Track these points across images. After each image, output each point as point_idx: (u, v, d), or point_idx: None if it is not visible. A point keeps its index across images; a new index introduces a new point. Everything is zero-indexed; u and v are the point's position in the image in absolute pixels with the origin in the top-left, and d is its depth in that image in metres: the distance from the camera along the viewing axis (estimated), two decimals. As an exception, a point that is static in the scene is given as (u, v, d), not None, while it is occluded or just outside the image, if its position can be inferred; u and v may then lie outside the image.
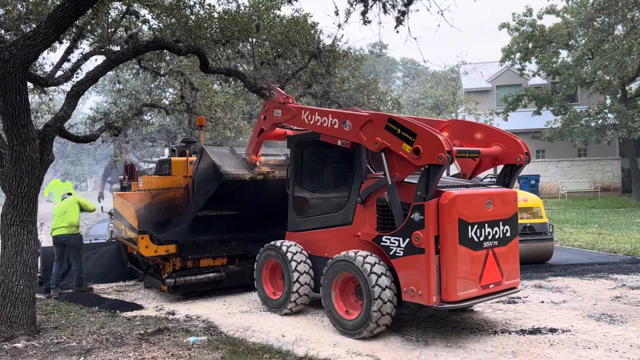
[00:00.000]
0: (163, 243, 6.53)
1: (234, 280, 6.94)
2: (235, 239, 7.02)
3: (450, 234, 4.60)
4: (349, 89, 12.76)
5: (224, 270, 6.85)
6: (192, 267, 6.78)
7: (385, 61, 46.31)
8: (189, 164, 7.68)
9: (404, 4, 7.09)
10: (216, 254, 6.91)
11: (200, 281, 6.67)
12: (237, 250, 7.05)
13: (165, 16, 8.16)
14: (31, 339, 5.00)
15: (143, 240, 6.43)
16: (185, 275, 6.63)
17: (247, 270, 6.90)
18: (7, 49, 4.87)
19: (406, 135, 4.77)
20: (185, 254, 6.65)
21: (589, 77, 20.56)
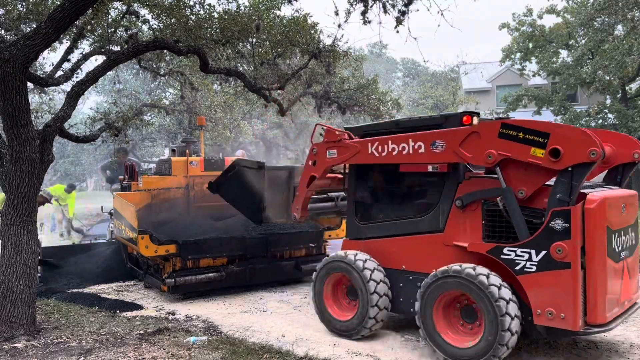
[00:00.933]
0: (163, 243, 6.53)
1: (234, 280, 6.96)
2: (235, 239, 7.02)
3: (599, 245, 3.95)
4: (349, 89, 12.73)
5: (224, 270, 6.85)
6: (192, 267, 6.78)
7: (385, 61, 46.33)
8: (189, 164, 7.72)
9: (404, 4, 7.08)
10: (216, 254, 6.91)
11: (200, 281, 6.67)
12: (237, 251, 7.03)
13: (165, 16, 8.15)
14: (31, 339, 5.00)
15: (143, 240, 6.42)
16: (185, 275, 6.63)
17: (247, 270, 7.00)
18: (7, 49, 4.86)
19: (533, 137, 4.04)
20: (185, 254, 6.64)
21: (589, 77, 20.57)
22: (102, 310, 6.27)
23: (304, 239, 7.56)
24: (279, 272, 7.34)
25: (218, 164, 8.03)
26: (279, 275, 7.38)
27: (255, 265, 7.08)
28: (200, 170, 7.93)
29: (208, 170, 7.91)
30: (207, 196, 7.46)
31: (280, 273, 7.38)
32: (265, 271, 7.20)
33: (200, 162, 8.01)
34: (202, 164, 8.02)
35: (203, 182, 7.48)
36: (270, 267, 7.21)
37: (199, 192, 7.81)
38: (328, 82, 11.24)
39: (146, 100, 17.93)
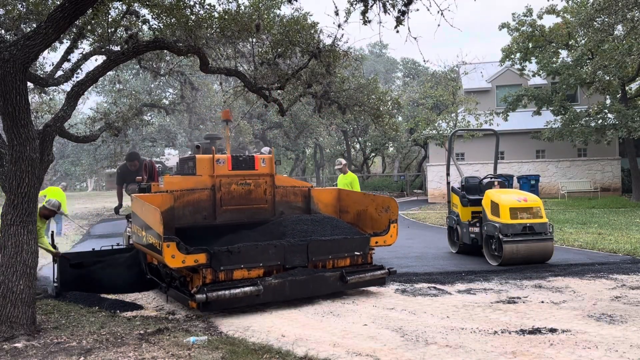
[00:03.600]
0: (192, 252, 5.67)
1: (272, 294, 5.98)
2: (273, 246, 6.15)
3: None
4: (349, 88, 12.73)
5: (262, 283, 5.89)
6: (225, 279, 5.86)
7: (385, 61, 46.34)
8: (216, 162, 6.94)
9: (404, 3, 7.08)
10: (252, 264, 6.02)
11: (235, 297, 5.70)
12: (275, 260, 6.15)
13: (165, 16, 8.15)
14: (31, 339, 5.00)
15: (169, 248, 5.54)
16: (218, 289, 5.68)
17: (287, 283, 6.05)
18: (7, 49, 4.87)
19: None
20: (217, 265, 5.77)
21: (589, 77, 20.58)
22: (102, 310, 6.27)
23: (349, 247, 6.64)
24: (321, 284, 6.35)
25: (247, 162, 7.21)
26: (321, 288, 6.38)
27: (296, 277, 6.13)
28: (227, 169, 7.06)
29: (236, 170, 7.12)
30: (235, 198, 6.99)
31: (323, 286, 6.38)
32: (307, 284, 6.22)
33: (228, 160, 7.12)
34: (230, 162, 7.14)
35: (231, 182, 7.01)
36: (312, 279, 6.25)
37: (226, 194, 7.02)
38: (328, 82, 11.24)
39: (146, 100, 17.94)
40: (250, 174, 7.17)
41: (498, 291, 6.81)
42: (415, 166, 42.90)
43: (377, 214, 7.13)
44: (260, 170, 7.24)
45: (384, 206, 7.05)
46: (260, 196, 7.24)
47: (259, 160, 7.23)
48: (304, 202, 7.69)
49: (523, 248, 8.42)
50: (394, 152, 42.48)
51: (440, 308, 6.02)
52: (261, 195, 7.24)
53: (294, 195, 7.60)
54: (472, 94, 27.38)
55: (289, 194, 7.55)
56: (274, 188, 7.35)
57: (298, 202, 7.63)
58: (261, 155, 7.33)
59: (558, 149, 26.03)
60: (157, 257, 5.87)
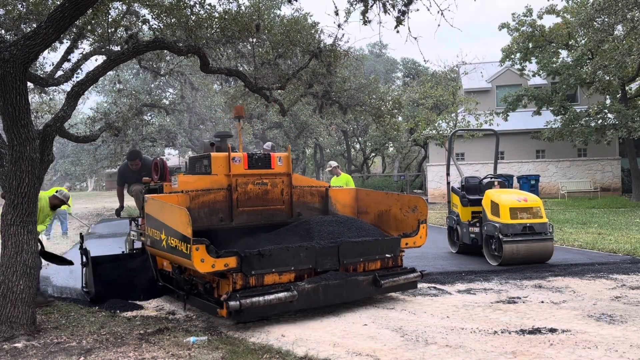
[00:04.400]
0: (222, 255, 5.23)
1: (305, 300, 5.52)
2: (304, 249, 5.73)
3: None
4: (350, 88, 12.75)
5: (295, 288, 5.44)
6: (256, 285, 5.44)
7: (386, 61, 46.32)
8: (232, 160, 6.56)
9: (404, 3, 7.09)
10: (283, 268, 5.59)
11: (269, 303, 5.26)
12: (306, 263, 5.73)
13: (166, 16, 8.16)
14: (31, 339, 5.01)
15: (198, 252, 5.04)
16: (251, 295, 5.23)
17: (320, 288, 5.59)
18: (7, 49, 4.87)
19: None
20: (248, 269, 5.33)
21: (589, 77, 20.59)
22: (102, 310, 6.27)
23: (380, 249, 6.26)
24: (355, 289, 5.92)
25: (263, 161, 6.84)
26: (354, 293, 5.97)
27: (329, 282, 5.68)
28: (243, 168, 6.66)
29: (252, 169, 6.73)
30: (252, 199, 6.63)
31: (357, 291, 5.95)
32: (340, 289, 5.79)
33: (244, 159, 6.70)
34: (246, 160, 6.72)
35: (247, 182, 6.63)
36: (345, 284, 5.81)
37: (243, 194, 6.62)
38: (329, 82, 11.24)
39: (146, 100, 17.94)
40: (267, 173, 6.82)
41: (498, 291, 6.81)
42: (415, 166, 42.90)
43: (403, 214, 6.77)
44: (277, 169, 6.89)
45: (411, 206, 6.69)
46: (277, 197, 6.87)
47: (276, 158, 6.89)
48: (321, 203, 7.33)
49: (523, 248, 8.42)
50: (394, 152, 42.46)
51: (440, 308, 6.02)
52: (278, 195, 6.88)
53: (310, 195, 7.24)
54: (472, 94, 27.39)
55: (305, 195, 7.19)
56: (291, 188, 6.98)
57: (315, 203, 7.27)
58: (277, 154, 6.99)
59: (558, 149, 26.04)
60: (183, 261, 5.33)
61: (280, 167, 6.90)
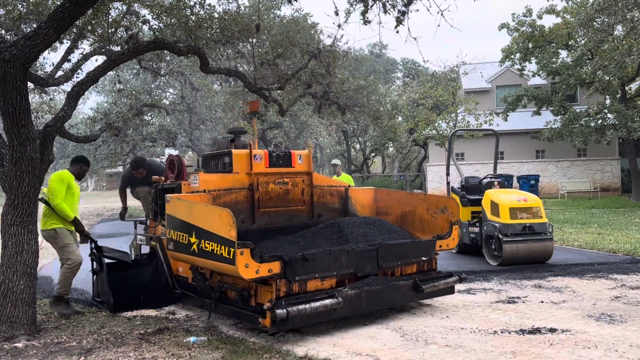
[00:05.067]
0: (266, 260, 4.84)
1: (349, 307, 5.16)
2: (345, 252, 5.36)
3: None
4: (348, 89, 12.76)
5: (339, 294, 5.08)
6: (299, 291, 5.07)
7: (385, 61, 46.33)
8: (254, 158, 6.17)
9: (404, 4, 7.10)
10: (325, 273, 5.22)
11: (316, 311, 4.88)
12: (347, 268, 5.35)
13: (166, 16, 8.17)
14: (31, 339, 5.01)
15: (243, 256, 4.61)
16: (298, 303, 4.85)
17: (363, 294, 5.25)
18: (8, 49, 4.87)
19: None
20: (292, 274, 4.95)
21: (589, 77, 20.60)
22: (102, 310, 6.28)
23: (417, 252, 5.92)
24: (396, 295, 5.57)
25: (284, 159, 6.50)
26: (395, 299, 5.64)
27: (372, 287, 5.34)
28: (264, 166, 6.31)
29: (273, 167, 6.37)
30: (273, 199, 6.29)
31: (397, 296, 5.61)
32: (382, 294, 5.43)
33: (265, 156, 6.35)
34: (267, 158, 6.37)
35: (268, 181, 6.28)
36: (386, 289, 5.47)
37: (264, 194, 6.27)
38: (328, 83, 11.26)
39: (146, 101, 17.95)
40: (288, 172, 6.47)
41: (498, 291, 6.82)
42: (415, 166, 42.91)
43: (430, 215, 6.44)
44: (298, 167, 6.55)
45: (440, 206, 6.34)
46: (298, 197, 6.53)
47: (296, 156, 6.56)
48: (341, 204, 7.01)
49: (523, 248, 8.42)
50: (394, 152, 42.48)
51: (440, 308, 6.03)
52: (299, 195, 6.53)
53: (330, 195, 6.92)
54: (472, 94, 27.40)
55: (325, 195, 6.86)
56: (312, 188, 6.64)
57: (335, 204, 6.94)
58: (298, 151, 6.67)
59: (558, 149, 26.05)
60: (221, 267, 4.92)
61: (301, 165, 6.59)
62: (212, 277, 5.57)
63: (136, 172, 7.69)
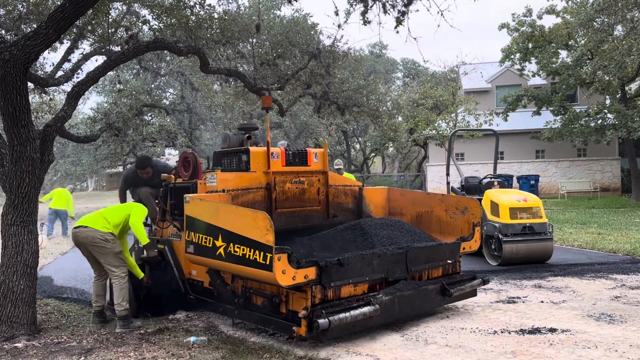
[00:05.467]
0: (302, 266, 4.56)
1: (384, 315, 4.92)
2: (377, 256, 5.12)
3: None
4: (348, 89, 12.76)
5: (375, 301, 4.85)
6: (333, 298, 4.80)
7: (385, 61, 46.33)
8: (271, 155, 5.93)
9: (404, 4, 7.10)
10: (358, 278, 4.97)
11: (355, 320, 4.63)
12: (379, 272, 5.12)
13: (166, 16, 8.17)
14: (31, 339, 5.02)
15: (280, 262, 4.33)
16: (338, 311, 4.61)
17: (396, 300, 5.04)
18: (8, 49, 4.88)
19: None
20: (327, 280, 4.69)
21: (589, 78, 20.58)
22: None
23: (442, 254, 5.75)
24: (425, 299, 5.40)
25: (300, 157, 6.27)
26: (425, 304, 5.45)
27: (404, 293, 5.15)
28: (281, 164, 6.08)
29: (289, 165, 6.14)
30: (289, 199, 6.07)
31: (427, 301, 5.44)
32: (413, 300, 5.24)
33: (282, 154, 6.11)
34: (284, 156, 6.12)
35: (285, 180, 6.05)
36: (417, 294, 5.28)
37: (281, 194, 6.04)
38: (327, 83, 11.26)
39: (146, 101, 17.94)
40: (304, 171, 6.25)
41: (498, 291, 6.82)
42: (415, 166, 42.91)
43: (449, 216, 6.26)
44: (313, 166, 6.32)
45: (460, 207, 6.15)
46: (314, 197, 6.31)
47: (312, 154, 6.32)
48: (355, 204, 6.81)
49: (523, 248, 8.42)
50: (394, 152, 42.48)
51: (440, 308, 6.03)
52: (314, 195, 6.31)
53: (344, 195, 6.70)
54: (472, 94, 27.40)
55: (340, 194, 6.65)
56: (327, 187, 6.42)
57: (349, 204, 6.73)
58: (313, 149, 6.45)
59: (558, 149, 26.05)
60: (254, 273, 4.58)
61: (317, 164, 6.37)
62: (235, 282, 5.27)
63: (142, 171, 7.27)
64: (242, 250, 4.63)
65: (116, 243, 5.55)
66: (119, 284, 5.44)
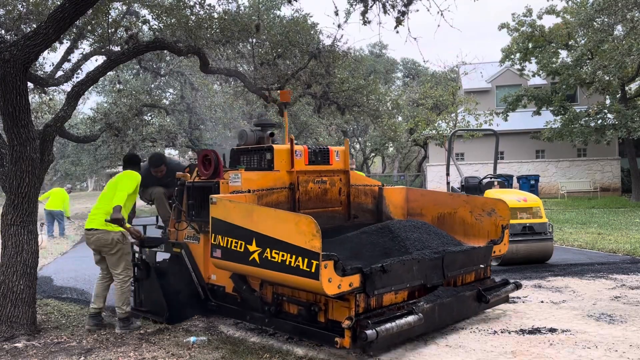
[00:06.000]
0: (348, 273, 4.24)
1: (426, 323, 4.63)
2: (416, 262, 4.85)
3: None
4: (348, 89, 12.76)
5: (417, 309, 4.61)
6: (375, 306, 4.54)
7: (385, 61, 46.33)
8: (294, 153, 5.66)
9: (404, 4, 7.10)
10: (399, 285, 4.71)
11: (401, 330, 4.38)
12: (418, 279, 4.86)
13: (166, 16, 8.17)
14: (31, 339, 5.02)
15: (327, 269, 4.03)
16: (384, 321, 4.34)
17: (436, 307, 4.79)
18: (8, 49, 4.87)
19: None
20: (371, 288, 4.43)
21: (589, 78, 20.59)
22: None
23: (476, 259, 5.52)
24: (462, 306, 5.16)
25: (322, 155, 6.02)
26: (462, 311, 5.22)
27: (443, 300, 4.91)
28: (304, 163, 5.81)
29: (312, 164, 5.88)
30: (312, 199, 5.79)
31: (464, 308, 5.21)
32: (451, 307, 5.01)
33: (305, 153, 5.83)
34: (306, 154, 5.84)
35: (307, 180, 5.78)
36: (455, 301, 5.05)
37: (304, 194, 5.76)
38: (327, 83, 11.26)
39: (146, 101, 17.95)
40: (326, 170, 6.00)
41: (498, 291, 6.82)
42: (415, 166, 42.93)
43: (474, 217, 6.02)
44: (335, 165, 6.10)
45: (486, 209, 5.90)
46: (335, 197, 6.07)
47: (334, 153, 6.09)
48: (374, 204, 6.56)
49: (523, 248, 8.42)
50: (394, 152, 42.49)
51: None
52: (336, 195, 6.07)
53: (364, 195, 6.46)
54: (472, 94, 27.40)
55: (360, 194, 6.42)
56: (349, 187, 6.20)
57: (368, 204, 6.49)
58: (335, 148, 6.21)
59: (558, 149, 26.05)
60: (295, 280, 4.25)
61: (338, 163, 6.14)
62: (263, 288, 4.97)
63: (157, 169, 6.65)
64: (281, 256, 4.31)
65: (127, 245, 5.43)
66: (121, 288, 5.36)
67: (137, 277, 5.93)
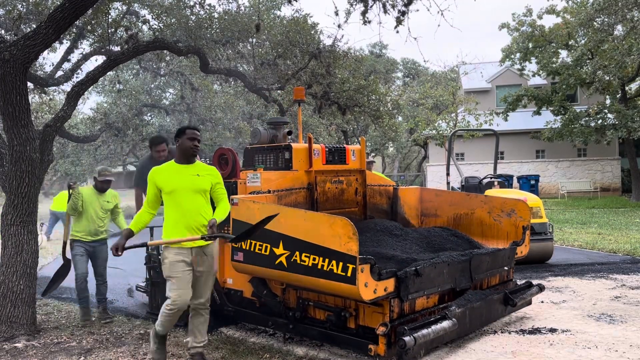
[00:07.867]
0: (383, 277, 4.08)
1: (458, 329, 4.51)
2: (446, 265, 4.71)
3: None
4: (349, 89, 12.76)
5: (450, 314, 4.45)
6: (409, 312, 4.39)
7: (386, 61, 46.33)
8: (312, 152, 5.52)
9: (404, 4, 7.11)
10: (431, 289, 4.55)
11: (437, 335, 4.24)
12: (448, 283, 4.71)
13: (166, 16, 8.17)
14: (31, 339, 5.01)
15: (363, 274, 3.86)
16: (419, 326, 4.19)
17: (467, 312, 4.66)
18: (7, 49, 4.87)
19: None
20: (405, 293, 4.26)
21: (589, 77, 20.59)
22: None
23: (500, 261, 5.38)
24: (490, 310, 5.03)
25: (339, 155, 5.88)
26: (491, 315, 5.07)
27: (473, 304, 4.78)
28: (321, 162, 5.66)
29: (329, 164, 5.73)
30: (329, 200, 5.63)
31: (493, 312, 5.07)
32: (481, 311, 4.87)
33: (322, 152, 5.70)
34: (324, 154, 5.70)
35: (325, 180, 5.62)
36: (484, 305, 4.92)
37: (322, 195, 5.61)
38: (328, 83, 11.25)
39: (146, 101, 17.94)
40: (343, 170, 5.85)
41: (498, 291, 6.81)
42: (415, 166, 42.93)
43: (492, 218, 5.87)
44: (351, 164, 5.94)
45: (505, 209, 5.75)
46: (352, 197, 5.92)
47: (350, 152, 5.93)
48: (389, 205, 6.42)
49: (523, 248, 8.41)
50: (394, 152, 42.49)
51: (440, 308, 6.02)
52: (352, 195, 5.93)
53: (379, 195, 6.33)
54: (472, 94, 27.41)
55: (375, 194, 6.28)
56: (365, 187, 6.05)
57: (383, 205, 6.36)
58: (351, 147, 6.08)
59: (558, 149, 26.06)
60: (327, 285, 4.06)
61: (354, 162, 5.98)
62: (287, 293, 4.78)
63: (158, 147, 6.30)
64: (312, 259, 4.11)
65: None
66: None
67: (154, 281, 5.77)
